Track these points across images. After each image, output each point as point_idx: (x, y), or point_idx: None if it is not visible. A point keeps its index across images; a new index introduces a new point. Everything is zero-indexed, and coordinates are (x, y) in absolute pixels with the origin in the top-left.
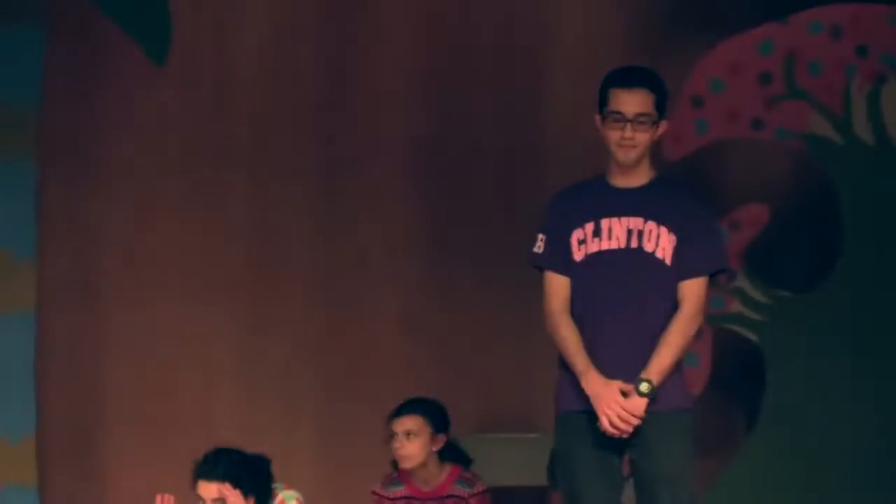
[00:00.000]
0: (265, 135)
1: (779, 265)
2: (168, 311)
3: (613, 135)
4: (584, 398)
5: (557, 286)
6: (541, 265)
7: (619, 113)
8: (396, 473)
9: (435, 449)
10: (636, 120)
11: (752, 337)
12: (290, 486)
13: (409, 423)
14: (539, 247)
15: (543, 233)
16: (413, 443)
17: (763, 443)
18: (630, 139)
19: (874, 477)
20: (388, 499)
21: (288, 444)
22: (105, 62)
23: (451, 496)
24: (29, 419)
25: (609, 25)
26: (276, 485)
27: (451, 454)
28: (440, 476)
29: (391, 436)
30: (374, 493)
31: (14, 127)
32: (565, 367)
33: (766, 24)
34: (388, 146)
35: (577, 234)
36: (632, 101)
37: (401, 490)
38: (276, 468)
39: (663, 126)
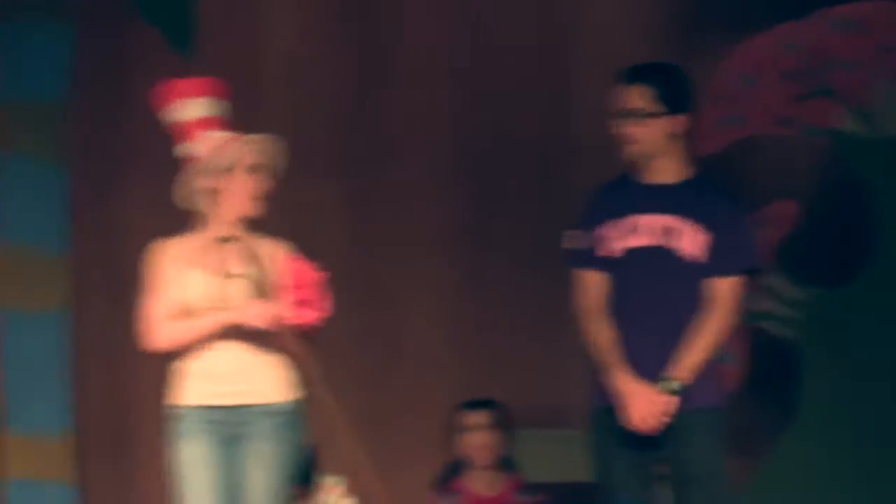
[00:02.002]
0: (295, 131)
1: (810, 261)
2: None
3: (618, 131)
4: (614, 395)
5: (590, 283)
6: (574, 262)
7: (618, 110)
8: (449, 484)
9: (500, 452)
10: (632, 115)
11: (786, 334)
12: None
13: (488, 416)
14: (573, 243)
15: (577, 229)
16: (493, 435)
17: (798, 440)
18: (627, 135)
19: None
20: None
21: (325, 442)
22: (133, 57)
23: None
24: (65, 415)
25: (636, 22)
26: (322, 472)
27: (504, 464)
28: (500, 484)
29: (465, 430)
30: None
31: (43, 123)
32: (596, 363)
33: (791, 21)
34: (421, 144)
35: (608, 231)
36: (628, 97)
37: (458, 499)
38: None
39: (679, 120)
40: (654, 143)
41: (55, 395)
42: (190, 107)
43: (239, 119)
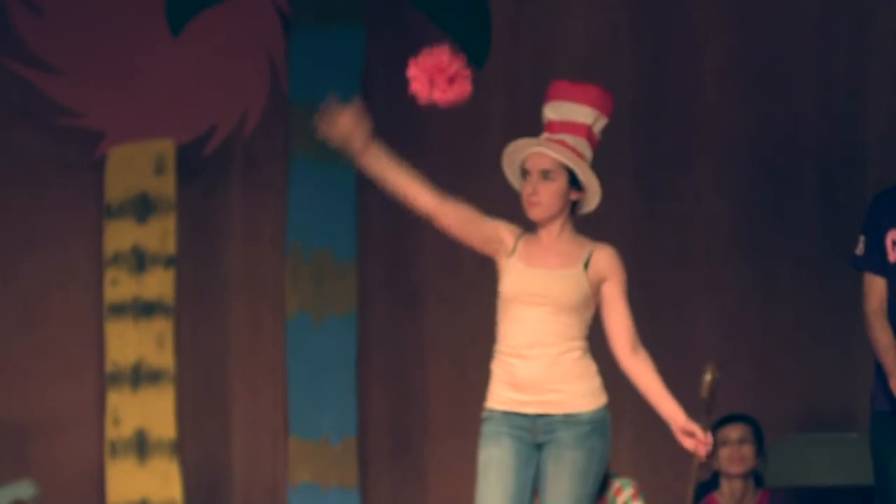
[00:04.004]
0: None
1: None
2: (487, 311)
3: None
4: (893, 399)
5: (875, 287)
6: (860, 266)
7: None
8: (704, 500)
9: (753, 466)
10: None
11: None
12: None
13: (744, 430)
14: (860, 248)
15: (863, 234)
16: (749, 448)
17: None
18: None
19: None
20: None
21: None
22: None
23: None
24: (350, 420)
25: None
26: (611, 474)
27: (754, 479)
28: (749, 500)
29: (722, 444)
30: None
31: None
32: (879, 367)
33: None
34: (706, 147)
35: (892, 235)
36: None
37: None
38: None
39: None
40: None
41: (340, 400)
42: (557, 108)
43: (532, 123)
